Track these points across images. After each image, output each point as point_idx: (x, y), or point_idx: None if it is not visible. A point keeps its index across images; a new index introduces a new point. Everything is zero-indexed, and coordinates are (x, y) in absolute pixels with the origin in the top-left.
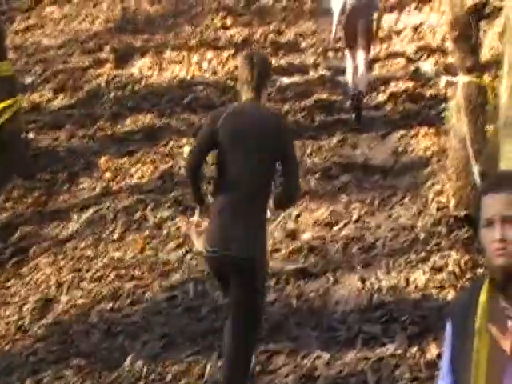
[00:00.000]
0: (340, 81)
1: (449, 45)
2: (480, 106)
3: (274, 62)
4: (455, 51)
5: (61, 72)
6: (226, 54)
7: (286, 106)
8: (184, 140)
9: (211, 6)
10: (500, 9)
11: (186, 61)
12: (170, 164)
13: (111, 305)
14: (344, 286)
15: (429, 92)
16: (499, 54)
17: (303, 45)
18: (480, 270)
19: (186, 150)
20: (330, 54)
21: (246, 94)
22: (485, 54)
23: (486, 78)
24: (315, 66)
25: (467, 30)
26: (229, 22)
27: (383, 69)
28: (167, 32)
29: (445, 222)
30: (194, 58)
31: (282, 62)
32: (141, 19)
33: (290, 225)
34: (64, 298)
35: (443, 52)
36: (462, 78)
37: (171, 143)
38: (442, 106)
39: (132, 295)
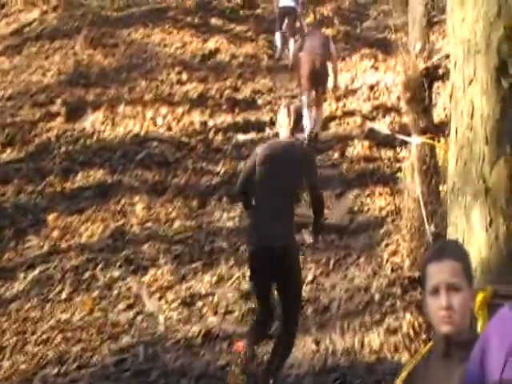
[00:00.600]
0: (298, 138)
1: (403, 105)
2: (433, 167)
3: (229, 118)
4: (409, 112)
5: (10, 125)
6: (180, 109)
7: (242, 164)
8: (137, 197)
9: (166, 61)
10: None
11: (140, 116)
12: (121, 222)
13: (57, 370)
14: (298, 349)
15: (384, 151)
16: None
17: (259, 102)
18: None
19: (139, 207)
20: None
21: (283, 134)
22: (439, 115)
23: (440, 139)
24: (272, 123)
25: (420, 92)
26: (184, 77)
27: (339, 127)
28: (121, 86)
29: (399, 283)
30: (149, 114)
31: (238, 118)
32: (94, 72)
33: (244, 285)
34: (6, 363)
35: (398, 111)
36: (415, 139)
37: (123, 200)
38: (397, 165)
39: (79, 359)
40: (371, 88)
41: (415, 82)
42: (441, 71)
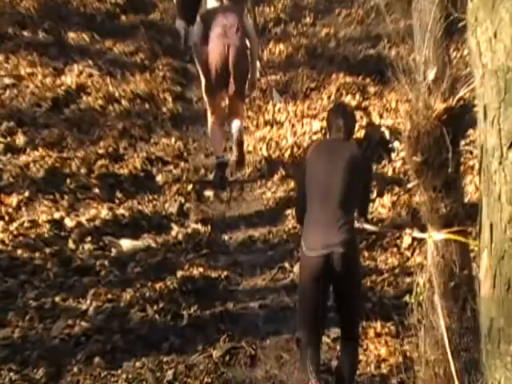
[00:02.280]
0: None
1: (410, 176)
2: (467, 281)
3: (105, 212)
4: (420, 188)
5: None
6: (14, 200)
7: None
8: None
9: None
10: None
11: None
12: None
13: None
14: None
15: (381, 256)
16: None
17: (159, 178)
18: None
19: None
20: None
21: (336, 135)
22: (470, 194)
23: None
24: (183, 215)
25: (438, 152)
26: (21, 139)
27: None
28: None
29: None
30: None
31: (121, 211)
32: None
33: None
34: None
35: (403, 187)
36: (434, 235)
37: None
38: (404, 281)
39: None
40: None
41: (430, 136)
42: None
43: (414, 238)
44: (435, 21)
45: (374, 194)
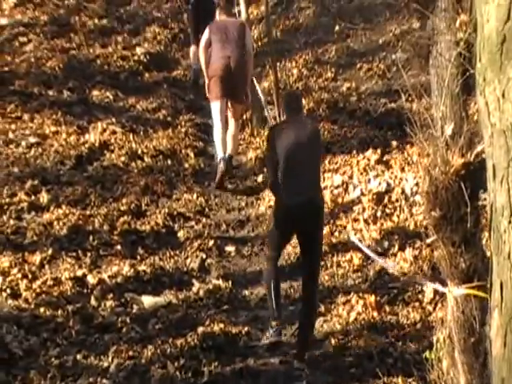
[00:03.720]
0: None
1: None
2: (487, 339)
3: (127, 268)
4: (439, 243)
5: None
6: (37, 257)
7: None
8: None
9: (11, 170)
10: None
11: None
12: None
13: None
14: None
15: (403, 310)
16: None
17: (181, 234)
18: None
19: None
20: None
21: (294, 114)
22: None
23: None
24: (205, 271)
25: (457, 206)
26: (44, 197)
27: (325, 271)
28: None
29: None
30: None
31: (143, 267)
32: None
33: None
34: None
35: (424, 241)
36: (454, 290)
37: None
38: (425, 335)
39: None
40: (378, 199)
41: (448, 191)
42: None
43: (436, 293)
44: (452, 77)
45: (396, 248)
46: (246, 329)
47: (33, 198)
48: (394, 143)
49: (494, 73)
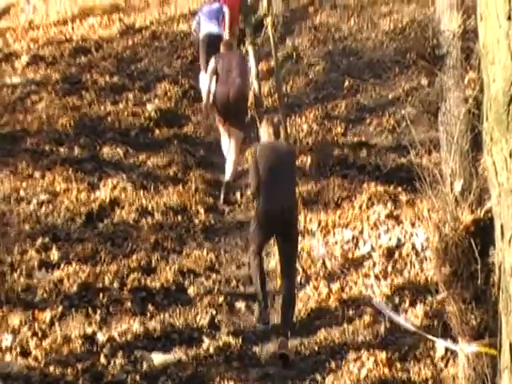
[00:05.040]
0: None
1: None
2: None
3: (137, 325)
4: (449, 300)
5: None
6: (47, 315)
7: None
8: None
9: (22, 228)
10: None
11: None
12: None
13: None
14: None
15: (414, 368)
16: None
17: (191, 290)
18: None
19: None
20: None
21: (269, 139)
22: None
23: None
24: (215, 327)
25: (467, 263)
26: (55, 254)
27: (334, 330)
28: None
29: None
30: None
31: (153, 324)
32: None
33: None
34: None
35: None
36: (465, 347)
37: None
38: None
39: None
40: (389, 254)
41: (458, 247)
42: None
43: (447, 349)
44: (461, 133)
45: (407, 304)
46: None
47: (43, 255)
48: (404, 198)
49: (500, 132)
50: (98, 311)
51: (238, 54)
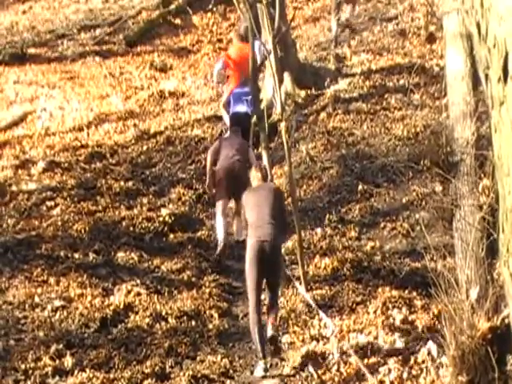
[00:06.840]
0: None
1: None
2: None
3: None
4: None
5: None
6: None
7: None
8: None
9: (35, 330)
10: None
11: None
12: None
13: None
14: None
15: None
16: None
17: None
18: None
19: None
20: None
21: (258, 182)
22: None
23: None
24: None
25: (483, 370)
26: (69, 361)
27: None
28: None
29: None
30: None
31: None
32: None
33: None
34: None
35: None
36: None
37: None
38: None
39: None
40: (404, 361)
41: (475, 355)
42: None
43: None
44: (476, 240)
45: None
46: None
47: (57, 362)
48: (419, 303)
49: None
50: None
51: (241, 142)
